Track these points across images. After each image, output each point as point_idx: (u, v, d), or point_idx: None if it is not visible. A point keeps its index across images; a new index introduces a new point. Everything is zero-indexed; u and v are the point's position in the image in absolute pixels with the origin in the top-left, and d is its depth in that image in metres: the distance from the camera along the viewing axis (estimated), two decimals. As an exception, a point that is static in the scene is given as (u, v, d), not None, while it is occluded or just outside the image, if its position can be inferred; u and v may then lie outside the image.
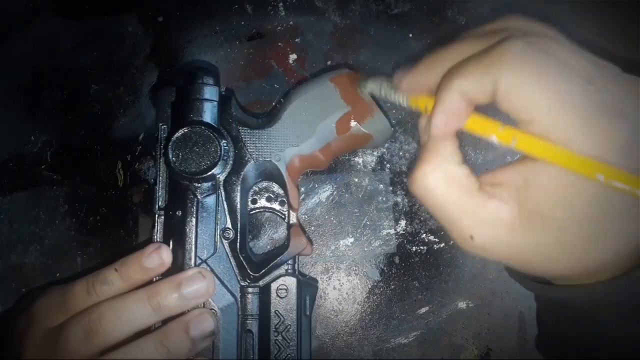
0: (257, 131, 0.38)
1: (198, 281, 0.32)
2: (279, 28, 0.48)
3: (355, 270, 0.42)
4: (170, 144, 0.34)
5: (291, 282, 0.35)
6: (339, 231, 0.43)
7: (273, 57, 0.47)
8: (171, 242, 0.35)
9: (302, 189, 0.44)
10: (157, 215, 0.36)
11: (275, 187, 0.39)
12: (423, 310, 0.42)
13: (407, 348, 0.41)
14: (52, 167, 0.45)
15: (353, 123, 0.38)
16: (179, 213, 0.34)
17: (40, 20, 0.50)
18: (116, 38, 0.49)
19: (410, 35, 0.48)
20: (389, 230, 0.43)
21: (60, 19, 0.50)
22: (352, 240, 0.43)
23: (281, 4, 0.49)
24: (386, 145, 0.45)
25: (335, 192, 0.44)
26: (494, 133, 0.24)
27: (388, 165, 0.44)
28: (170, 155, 0.34)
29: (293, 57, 0.47)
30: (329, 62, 0.47)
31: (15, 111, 0.47)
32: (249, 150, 0.37)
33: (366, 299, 0.42)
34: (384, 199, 0.44)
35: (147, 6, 0.49)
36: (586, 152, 0.21)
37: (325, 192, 0.44)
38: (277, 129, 0.38)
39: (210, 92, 0.37)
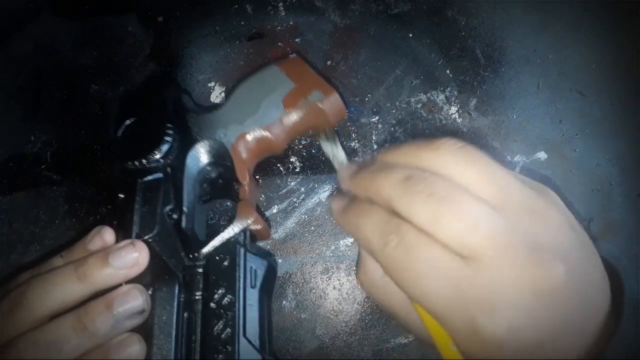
0: (203, 115, 0.39)
1: (128, 251, 0.31)
2: (279, 28, 0.48)
3: (355, 270, 0.42)
4: (118, 133, 0.37)
5: (231, 252, 0.34)
6: (339, 231, 0.43)
7: (273, 57, 0.47)
8: (116, 224, 0.34)
9: (302, 189, 0.44)
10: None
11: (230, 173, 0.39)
12: (423, 310, 0.42)
13: (407, 348, 0.41)
14: (52, 167, 0.45)
15: (301, 98, 0.39)
16: (121, 195, 0.36)
17: (40, 20, 0.50)
18: (116, 38, 0.49)
19: (410, 35, 0.48)
20: (389, 230, 0.43)
21: (60, 19, 0.50)
22: (352, 240, 0.43)
23: (281, 4, 0.49)
24: (386, 145, 0.45)
25: (335, 192, 0.44)
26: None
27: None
28: (118, 144, 0.37)
29: (293, 57, 0.47)
30: (328, 62, 0.47)
31: (15, 111, 0.47)
32: (195, 132, 0.39)
33: (366, 299, 0.42)
34: (384, 199, 0.44)
35: (147, 6, 0.49)
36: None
37: (325, 192, 0.44)
38: (223, 112, 0.40)
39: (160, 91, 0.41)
